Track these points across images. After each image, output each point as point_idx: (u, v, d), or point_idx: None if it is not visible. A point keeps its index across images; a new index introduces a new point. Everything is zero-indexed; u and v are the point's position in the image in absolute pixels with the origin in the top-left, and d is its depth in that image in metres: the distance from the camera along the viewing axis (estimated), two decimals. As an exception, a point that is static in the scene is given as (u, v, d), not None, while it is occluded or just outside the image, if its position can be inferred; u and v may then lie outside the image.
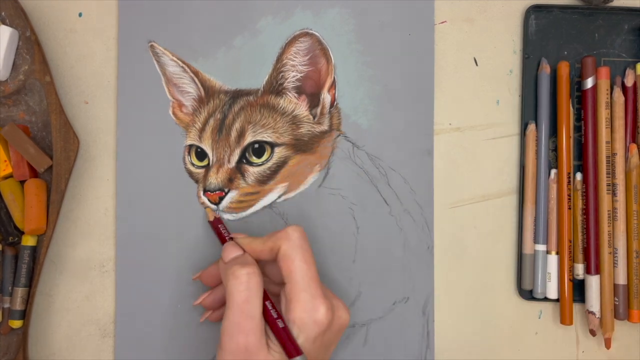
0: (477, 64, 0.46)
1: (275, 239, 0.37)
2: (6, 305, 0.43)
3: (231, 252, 0.39)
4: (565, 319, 0.43)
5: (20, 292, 0.42)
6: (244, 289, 0.35)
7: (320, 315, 0.35)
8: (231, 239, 0.40)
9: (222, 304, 0.42)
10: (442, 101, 0.45)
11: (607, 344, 0.43)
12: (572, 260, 0.44)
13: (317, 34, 0.44)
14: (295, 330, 0.35)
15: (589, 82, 0.43)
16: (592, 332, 0.43)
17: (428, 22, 0.45)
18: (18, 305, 0.42)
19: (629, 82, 0.44)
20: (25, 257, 0.42)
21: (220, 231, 0.42)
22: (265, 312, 0.36)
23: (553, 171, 0.44)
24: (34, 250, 0.43)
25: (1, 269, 0.43)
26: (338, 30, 0.45)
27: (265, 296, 0.37)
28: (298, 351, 0.35)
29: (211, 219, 0.43)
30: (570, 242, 0.44)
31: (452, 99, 0.45)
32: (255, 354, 0.34)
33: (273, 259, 0.38)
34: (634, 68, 0.44)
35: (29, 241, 0.43)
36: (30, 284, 0.43)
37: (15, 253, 0.43)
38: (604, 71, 0.43)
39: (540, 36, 0.45)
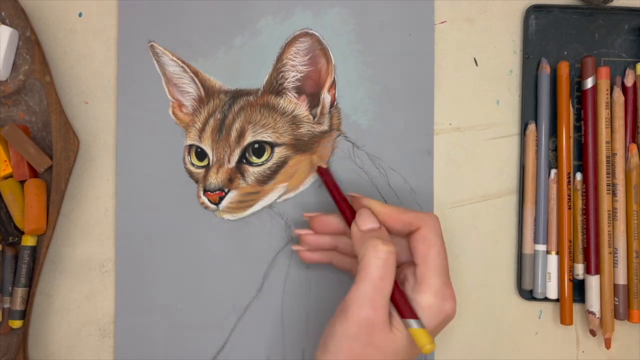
0: (477, 64, 0.46)
1: (416, 217, 0.37)
2: (6, 305, 0.43)
3: (368, 221, 0.37)
4: (565, 319, 0.43)
5: (20, 292, 0.42)
6: (383, 266, 0.35)
7: (448, 305, 0.36)
8: (346, 201, 0.39)
9: (320, 249, 0.41)
10: (442, 101, 0.45)
11: (607, 344, 0.43)
12: (572, 260, 0.44)
13: (317, 34, 0.44)
14: (420, 312, 0.35)
15: (589, 82, 0.43)
16: (592, 332, 0.43)
17: (428, 22, 0.45)
18: (18, 306, 0.42)
19: (629, 82, 0.44)
20: (25, 257, 0.42)
21: (334, 187, 0.40)
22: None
23: (553, 171, 0.44)
24: (34, 250, 0.43)
25: (1, 269, 0.43)
26: (338, 30, 0.45)
27: None
28: (415, 316, 0.35)
29: (324, 166, 0.42)
30: (570, 242, 0.44)
31: (452, 99, 0.45)
32: (379, 330, 0.34)
33: (402, 233, 0.38)
34: (634, 68, 0.44)
35: (29, 241, 0.43)
36: (30, 284, 0.43)
37: (15, 253, 0.43)
38: (604, 71, 0.43)
39: (540, 36, 0.45)
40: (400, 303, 0.35)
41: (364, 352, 0.34)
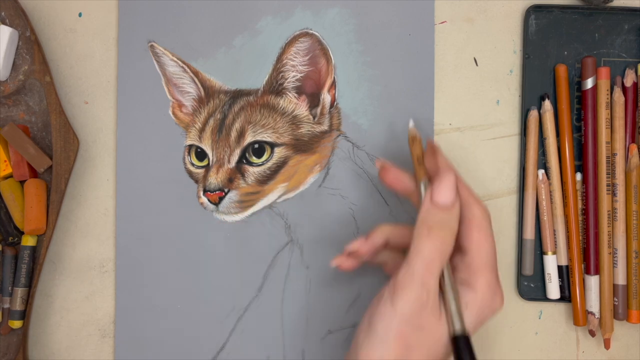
0: (477, 64, 0.46)
1: (475, 202, 0.35)
2: (6, 306, 0.43)
3: (447, 193, 0.34)
4: (578, 319, 0.43)
5: (20, 292, 0.42)
6: (436, 251, 0.33)
7: (498, 300, 0.34)
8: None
9: (374, 255, 0.39)
10: (442, 101, 0.45)
11: (607, 344, 0.43)
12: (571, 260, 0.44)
13: (317, 34, 0.44)
14: (472, 305, 0.34)
15: (589, 83, 0.43)
16: (592, 333, 0.43)
17: (428, 22, 0.45)
18: (18, 306, 0.42)
19: (628, 82, 0.44)
20: (25, 257, 0.42)
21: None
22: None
23: (541, 172, 0.44)
24: (34, 250, 0.43)
25: (1, 269, 0.43)
26: (338, 30, 0.45)
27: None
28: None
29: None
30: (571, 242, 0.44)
31: (452, 99, 0.45)
32: (429, 314, 0.33)
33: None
34: (634, 68, 0.44)
35: (28, 241, 0.43)
36: (30, 284, 0.43)
37: (15, 253, 0.43)
38: (604, 71, 0.43)
39: (540, 36, 0.45)
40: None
41: (414, 335, 0.33)
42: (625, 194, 0.43)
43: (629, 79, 0.44)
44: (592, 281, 0.43)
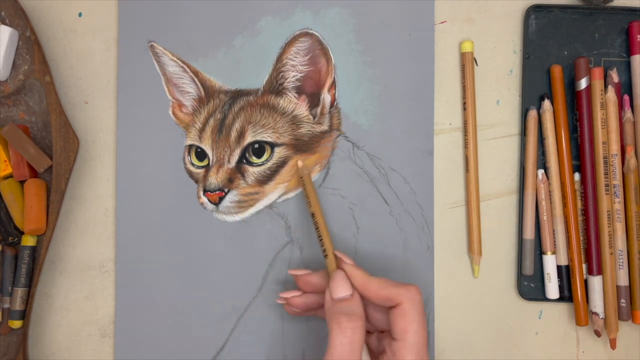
0: (477, 64, 0.46)
1: (396, 292, 0.36)
2: (6, 306, 0.43)
3: (341, 289, 0.37)
4: (580, 320, 0.43)
5: (20, 292, 0.42)
6: (348, 343, 0.35)
7: None
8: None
9: (307, 309, 0.41)
10: (442, 101, 0.45)
11: (613, 344, 0.43)
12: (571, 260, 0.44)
13: (317, 34, 0.44)
14: None
15: (583, 83, 0.43)
16: (597, 333, 0.43)
17: (428, 22, 0.45)
18: (18, 306, 0.42)
19: (612, 81, 0.43)
20: (25, 257, 0.42)
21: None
22: None
23: (540, 171, 0.44)
24: (34, 250, 0.43)
25: (1, 269, 0.43)
26: (338, 30, 0.45)
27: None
28: None
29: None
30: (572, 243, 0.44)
31: (452, 99, 0.45)
32: None
33: (384, 306, 0.37)
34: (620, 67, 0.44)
35: (28, 241, 0.43)
36: (30, 284, 0.43)
37: (15, 253, 0.43)
38: (598, 72, 0.43)
39: (540, 36, 0.45)
40: None
41: None
42: (625, 194, 0.43)
43: (614, 77, 0.44)
44: (595, 282, 0.43)
